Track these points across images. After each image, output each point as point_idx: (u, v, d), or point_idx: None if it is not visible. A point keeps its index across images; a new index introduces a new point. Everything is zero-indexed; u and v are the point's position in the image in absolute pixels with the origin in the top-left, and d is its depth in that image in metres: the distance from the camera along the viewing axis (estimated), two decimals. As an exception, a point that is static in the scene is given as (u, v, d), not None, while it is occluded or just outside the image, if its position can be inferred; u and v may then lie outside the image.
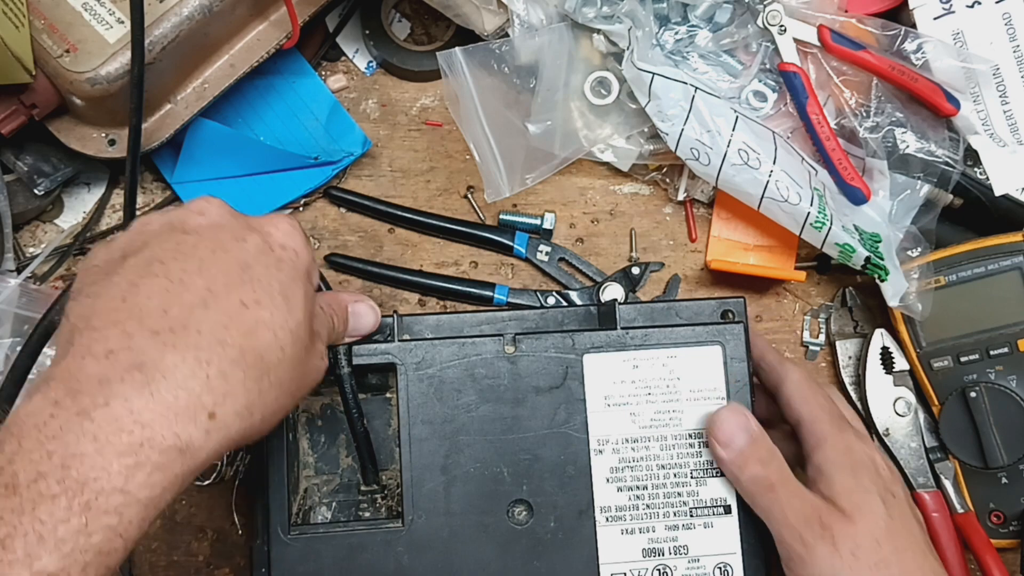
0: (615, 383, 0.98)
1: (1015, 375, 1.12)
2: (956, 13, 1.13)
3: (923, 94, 1.12)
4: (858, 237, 1.11)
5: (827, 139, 1.12)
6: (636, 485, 0.97)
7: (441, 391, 0.97)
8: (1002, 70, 1.13)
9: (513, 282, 1.19)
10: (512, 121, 1.14)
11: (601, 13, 1.12)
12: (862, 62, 1.13)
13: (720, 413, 0.96)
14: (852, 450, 0.96)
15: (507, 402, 0.97)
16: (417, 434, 0.96)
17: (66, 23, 1.04)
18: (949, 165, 1.13)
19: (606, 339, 0.99)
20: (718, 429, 0.95)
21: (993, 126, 1.14)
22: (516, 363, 0.98)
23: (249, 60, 1.12)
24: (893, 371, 1.16)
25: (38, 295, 1.11)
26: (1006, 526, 1.15)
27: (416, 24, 1.24)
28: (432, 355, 0.97)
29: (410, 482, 0.96)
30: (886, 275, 1.12)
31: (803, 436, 0.98)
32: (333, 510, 1.00)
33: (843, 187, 1.14)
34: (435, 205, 1.20)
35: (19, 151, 1.11)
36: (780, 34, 1.13)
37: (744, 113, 1.13)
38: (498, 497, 0.96)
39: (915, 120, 1.14)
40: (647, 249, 1.21)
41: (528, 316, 1.01)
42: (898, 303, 1.13)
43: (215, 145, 1.14)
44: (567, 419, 0.97)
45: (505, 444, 0.97)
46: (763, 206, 1.11)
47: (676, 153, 1.11)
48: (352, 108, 1.22)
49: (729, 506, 0.98)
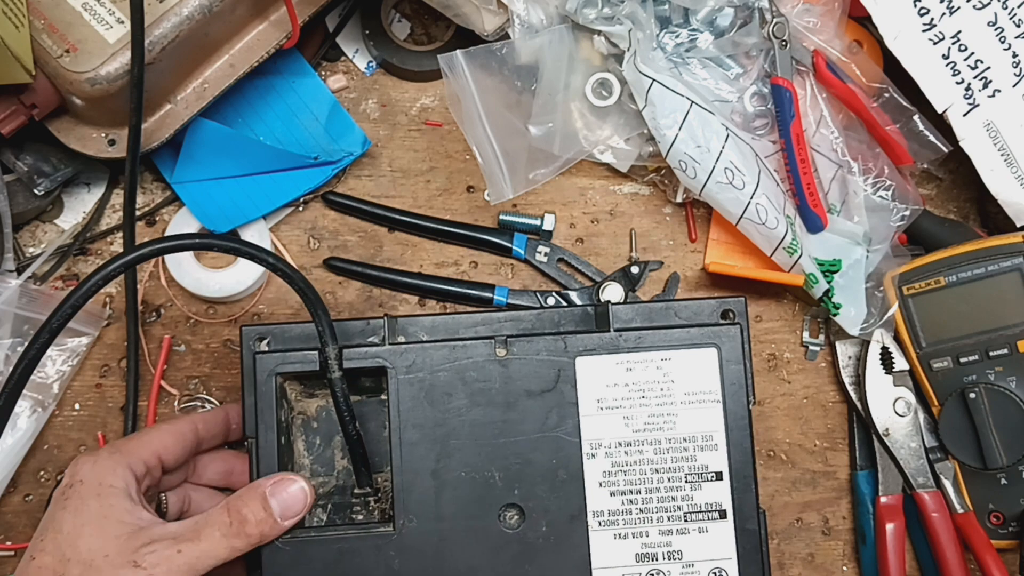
0: (608, 386, 0.98)
1: (1015, 376, 1.12)
2: (981, 105, 1.13)
3: (889, 142, 1.17)
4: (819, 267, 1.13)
5: (802, 161, 1.14)
6: (629, 489, 0.97)
7: (432, 395, 0.97)
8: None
9: (513, 283, 1.19)
10: (513, 122, 1.14)
11: (602, 14, 1.12)
12: (845, 97, 1.15)
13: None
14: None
15: (498, 406, 0.97)
16: (408, 438, 0.96)
17: (66, 23, 1.04)
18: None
19: (599, 341, 0.99)
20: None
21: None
22: (507, 366, 0.98)
23: (249, 60, 1.12)
24: (893, 371, 1.15)
25: (38, 295, 1.11)
26: (1005, 527, 1.15)
27: (416, 24, 1.24)
28: (423, 359, 0.97)
29: (401, 486, 0.96)
30: (836, 311, 1.15)
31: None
32: (328, 512, 1.00)
33: (805, 212, 1.15)
34: (435, 205, 1.20)
35: (19, 151, 1.11)
36: (781, 48, 1.12)
37: (738, 126, 1.14)
38: (489, 501, 0.96)
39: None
40: (647, 249, 1.21)
41: (524, 317, 1.01)
42: (858, 332, 1.15)
43: (215, 145, 1.14)
44: (559, 423, 0.97)
45: (496, 448, 0.97)
46: (741, 224, 1.13)
47: (667, 160, 1.11)
48: (352, 108, 1.22)
49: (724, 511, 0.98)
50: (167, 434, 0.98)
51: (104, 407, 1.14)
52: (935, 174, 1.24)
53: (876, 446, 1.16)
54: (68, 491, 0.89)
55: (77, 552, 0.86)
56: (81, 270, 1.17)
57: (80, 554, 0.85)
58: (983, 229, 1.21)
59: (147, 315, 1.16)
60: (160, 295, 1.17)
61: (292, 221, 1.19)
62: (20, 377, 0.89)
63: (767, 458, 1.18)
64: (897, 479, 1.15)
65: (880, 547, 1.14)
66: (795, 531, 1.18)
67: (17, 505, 1.12)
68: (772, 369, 1.20)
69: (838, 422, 1.20)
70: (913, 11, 1.12)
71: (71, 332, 1.13)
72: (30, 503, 1.12)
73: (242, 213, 1.15)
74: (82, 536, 0.86)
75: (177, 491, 1.03)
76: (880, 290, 1.15)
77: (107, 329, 1.15)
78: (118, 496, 0.89)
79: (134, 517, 0.89)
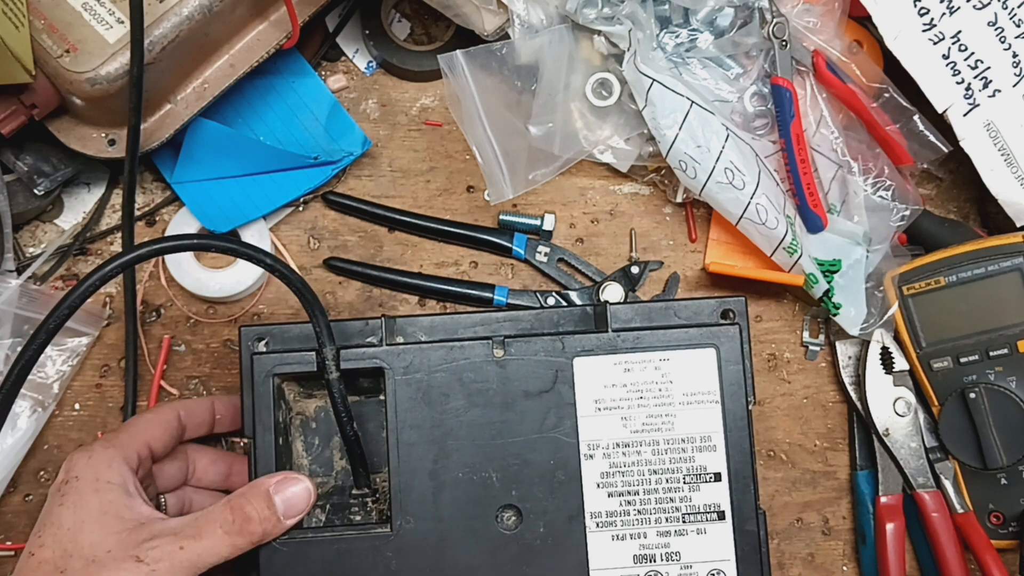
0: (606, 387, 0.98)
1: (1015, 376, 1.12)
2: (981, 105, 1.12)
3: (889, 142, 1.16)
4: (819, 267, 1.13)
5: (802, 161, 1.14)
6: (627, 490, 0.97)
7: (429, 395, 0.97)
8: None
9: (513, 283, 1.19)
10: (514, 123, 1.14)
11: (602, 14, 1.12)
12: (845, 97, 1.15)
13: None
14: None
15: (496, 406, 0.97)
16: (405, 439, 0.96)
17: (66, 23, 1.04)
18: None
19: (597, 342, 0.99)
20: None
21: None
22: (505, 367, 0.98)
23: (249, 60, 1.12)
24: (893, 371, 1.15)
25: (38, 295, 1.12)
26: (1005, 527, 1.15)
27: (416, 24, 1.24)
28: (420, 359, 0.97)
29: (398, 487, 0.96)
30: (836, 311, 1.15)
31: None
32: (327, 512, 1.00)
33: (805, 212, 1.15)
34: (435, 205, 1.20)
35: (19, 151, 1.11)
36: (781, 48, 1.12)
37: (738, 126, 1.14)
38: (487, 502, 0.96)
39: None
40: (647, 249, 1.21)
41: (523, 317, 1.01)
42: (858, 332, 1.15)
43: (215, 145, 1.14)
44: (557, 423, 0.97)
45: (494, 449, 0.97)
46: (741, 224, 1.13)
47: (667, 160, 1.11)
48: (352, 108, 1.22)
49: (723, 512, 0.98)
50: (154, 424, 0.98)
51: (104, 407, 1.14)
52: (935, 174, 1.24)
53: (876, 446, 1.16)
54: (64, 487, 0.89)
55: (78, 547, 0.85)
56: (81, 270, 1.17)
57: (81, 549, 0.85)
58: (983, 229, 1.21)
59: (147, 315, 1.16)
60: (160, 295, 1.17)
61: (292, 221, 1.19)
62: (18, 377, 0.88)
63: (767, 458, 1.18)
64: (897, 479, 1.15)
65: (880, 547, 1.14)
66: (795, 531, 1.18)
67: (17, 505, 1.12)
68: (772, 369, 1.20)
69: (838, 422, 1.20)
70: (913, 11, 1.12)
71: (71, 332, 1.13)
72: (30, 503, 1.12)
73: (242, 213, 1.15)
74: (83, 531, 0.86)
75: (177, 493, 1.03)
76: (880, 290, 1.15)
77: (107, 329, 1.15)
78: (116, 491, 0.89)
79: (134, 512, 0.89)
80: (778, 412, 1.19)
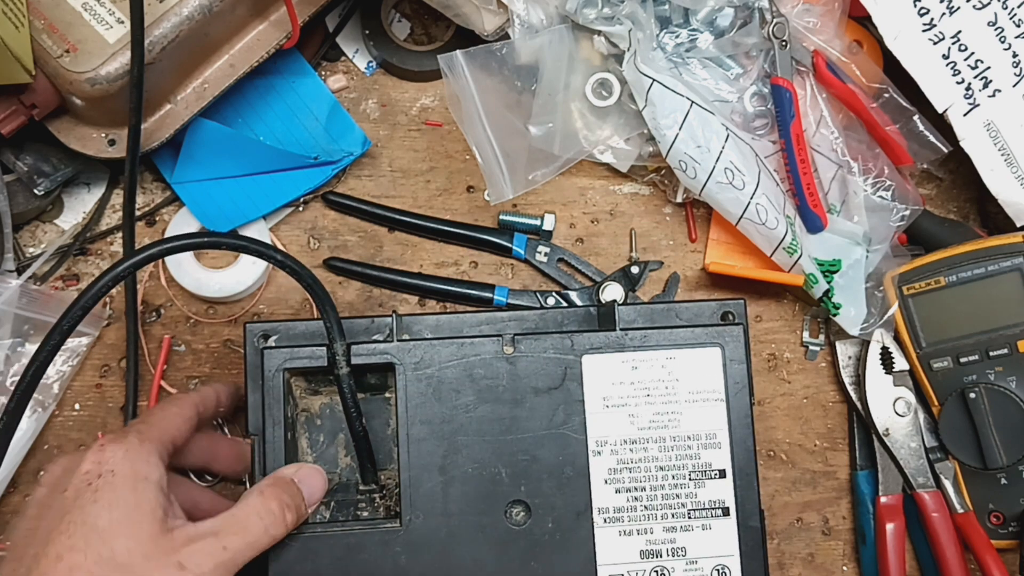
0: (614, 384, 0.99)
1: (1015, 376, 1.12)
2: (981, 105, 1.13)
3: (889, 142, 1.16)
4: (819, 267, 1.13)
5: (802, 161, 1.14)
6: (634, 486, 0.98)
7: (440, 391, 0.97)
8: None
9: (513, 282, 1.19)
10: (514, 123, 1.14)
11: (602, 14, 1.12)
12: (845, 97, 1.16)
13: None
14: None
15: (505, 403, 0.98)
16: (415, 434, 0.96)
17: (66, 23, 1.03)
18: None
19: (605, 340, 0.99)
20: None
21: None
22: (515, 364, 0.98)
23: (249, 60, 1.12)
24: (893, 371, 1.15)
25: (38, 296, 1.11)
26: (1005, 527, 1.15)
27: (416, 24, 1.24)
28: (431, 355, 0.98)
29: (408, 482, 0.96)
30: (836, 311, 1.15)
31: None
32: (332, 509, 1.00)
33: (805, 212, 1.16)
34: (435, 205, 1.20)
35: (19, 151, 1.11)
36: (781, 48, 1.13)
37: (738, 126, 1.14)
38: (496, 498, 0.97)
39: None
40: (647, 249, 1.21)
41: (527, 317, 1.01)
42: (858, 332, 1.16)
43: (215, 145, 1.14)
44: (565, 420, 0.98)
45: (503, 445, 0.97)
46: (741, 224, 1.13)
47: (667, 160, 1.12)
48: (352, 108, 1.22)
49: (727, 508, 0.98)
50: (179, 419, 0.94)
51: (104, 407, 1.14)
52: (935, 174, 1.24)
53: (876, 446, 1.16)
54: (98, 482, 0.82)
55: (113, 552, 0.79)
56: (81, 270, 1.16)
57: (117, 555, 0.79)
58: (983, 229, 1.21)
59: (147, 315, 1.16)
60: (160, 295, 1.16)
61: (292, 221, 1.19)
62: (32, 379, 0.86)
63: (767, 458, 1.18)
64: (897, 479, 1.16)
65: (880, 547, 1.14)
66: (795, 531, 1.18)
67: (17, 505, 1.12)
68: (772, 369, 1.20)
69: (838, 422, 1.20)
70: (913, 11, 1.12)
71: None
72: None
73: (242, 213, 1.15)
74: (119, 535, 0.80)
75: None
76: (880, 290, 1.15)
77: (107, 329, 1.15)
78: (153, 490, 0.84)
79: (169, 514, 0.84)
80: (778, 412, 1.20)
